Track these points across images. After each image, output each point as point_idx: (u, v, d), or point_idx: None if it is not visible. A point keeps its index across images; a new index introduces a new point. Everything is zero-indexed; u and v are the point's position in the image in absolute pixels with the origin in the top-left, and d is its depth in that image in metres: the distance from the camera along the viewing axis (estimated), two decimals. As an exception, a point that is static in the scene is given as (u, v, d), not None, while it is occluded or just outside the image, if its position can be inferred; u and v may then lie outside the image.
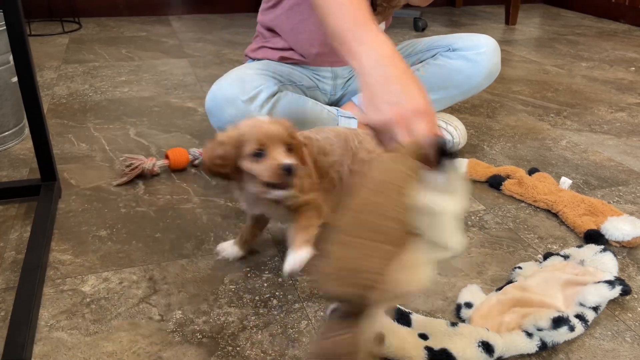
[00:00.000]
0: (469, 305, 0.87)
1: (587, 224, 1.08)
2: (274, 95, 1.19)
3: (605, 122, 1.69)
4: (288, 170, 0.79)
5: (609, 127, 1.66)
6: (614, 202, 1.22)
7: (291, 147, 0.83)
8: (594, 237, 1.05)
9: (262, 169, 0.80)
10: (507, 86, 2.03)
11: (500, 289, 0.91)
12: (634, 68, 2.29)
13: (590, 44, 2.71)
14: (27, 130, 1.48)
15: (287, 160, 0.80)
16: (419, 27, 2.87)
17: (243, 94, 1.16)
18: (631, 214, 1.16)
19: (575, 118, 1.72)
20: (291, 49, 1.34)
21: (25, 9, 1.03)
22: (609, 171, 1.37)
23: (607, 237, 1.05)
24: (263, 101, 1.16)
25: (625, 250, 1.04)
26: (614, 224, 1.05)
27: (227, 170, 0.83)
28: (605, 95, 1.95)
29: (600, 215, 1.11)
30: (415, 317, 0.83)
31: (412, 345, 0.77)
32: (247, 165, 0.81)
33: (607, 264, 0.95)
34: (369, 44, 0.73)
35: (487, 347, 0.77)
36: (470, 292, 0.90)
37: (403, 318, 0.82)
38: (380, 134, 0.69)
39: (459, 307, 0.88)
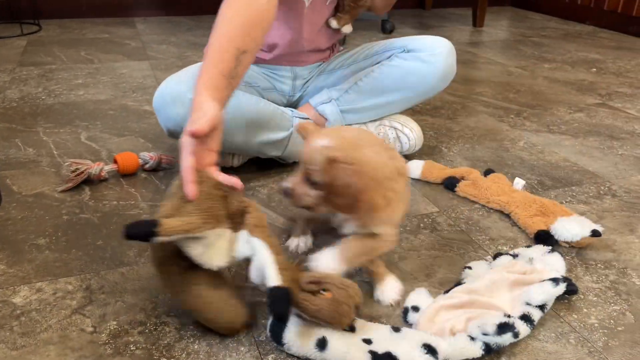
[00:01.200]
0: (415, 309, 0.86)
1: (538, 224, 1.08)
2: None
3: (563, 123, 1.70)
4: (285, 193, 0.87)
5: (567, 127, 1.67)
6: (566, 202, 1.22)
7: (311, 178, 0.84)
8: (543, 237, 1.05)
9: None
10: (470, 87, 2.03)
11: (447, 291, 0.90)
12: (595, 69, 2.32)
13: (554, 45, 2.74)
14: (-28, 135, 1.42)
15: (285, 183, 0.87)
16: (387, 30, 2.87)
17: (191, 91, 1.13)
18: (583, 214, 1.16)
19: (535, 119, 1.73)
20: None
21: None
22: (563, 171, 1.38)
23: (556, 237, 1.04)
24: None
25: (574, 250, 1.04)
26: (563, 225, 1.05)
27: None
28: (565, 96, 1.96)
29: (551, 215, 1.10)
30: (358, 323, 0.81)
31: (355, 348, 0.75)
32: None
33: (555, 264, 0.95)
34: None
35: (431, 350, 0.75)
36: (418, 296, 0.89)
37: None
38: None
39: (406, 311, 0.87)
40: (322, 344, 0.75)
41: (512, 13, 3.62)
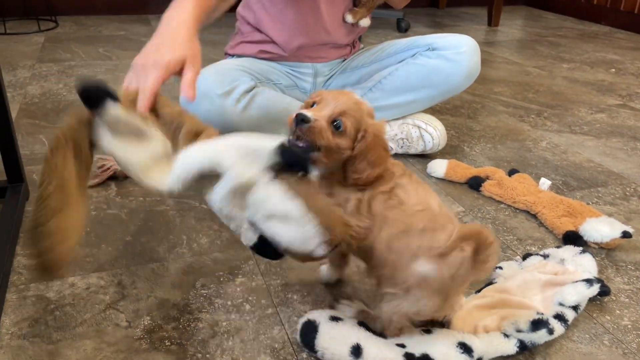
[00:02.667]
0: None
1: (566, 225, 1.07)
2: (250, 90, 1.17)
3: (585, 123, 1.69)
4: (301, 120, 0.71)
5: (589, 128, 1.66)
6: (592, 203, 1.22)
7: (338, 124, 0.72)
8: (572, 238, 1.04)
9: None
10: (489, 87, 2.02)
11: (479, 291, 0.90)
12: (614, 70, 2.30)
13: (571, 45, 2.72)
14: (-4, 131, 1.43)
15: (306, 112, 0.72)
16: (402, 28, 2.86)
17: (219, 87, 1.13)
18: (610, 215, 1.15)
19: (556, 119, 1.72)
20: (271, 42, 1.32)
21: (-4, 6, 0.99)
22: (588, 172, 1.37)
23: (585, 238, 1.04)
24: (239, 95, 1.14)
25: (604, 251, 1.04)
26: (592, 225, 1.04)
27: None
28: (585, 97, 1.95)
29: (579, 216, 1.10)
30: None
31: (391, 353, 0.75)
32: None
33: (587, 265, 0.95)
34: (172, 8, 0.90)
35: (466, 349, 0.75)
36: None
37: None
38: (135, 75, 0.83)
39: None
40: (357, 351, 0.74)
41: (526, 12, 3.60)
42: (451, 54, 1.29)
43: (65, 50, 2.26)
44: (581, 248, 0.99)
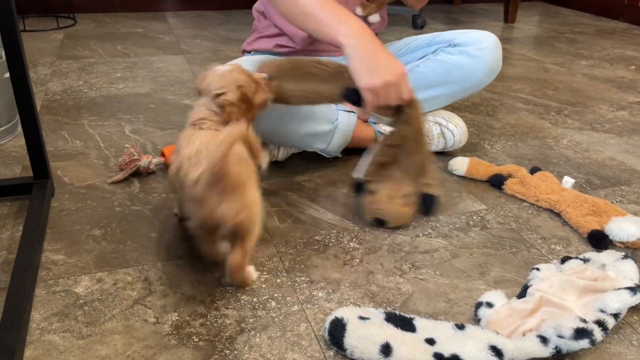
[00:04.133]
0: (490, 305, 0.85)
1: (591, 224, 1.07)
2: None
3: (606, 121, 1.68)
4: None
5: (611, 125, 1.64)
6: (617, 201, 1.20)
7: None
8: (598, 237, 1.03)
9: None
10: (507, 84, 2.01)
11: (521, 296, 0.88)
12: (633, 67, 2.28)
13: (589, 42, 2.69)
14: (19, 127, 1.45)
15: None
16: (418, 25, 2.85)
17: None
18: (635, 214, 1.14)
19: (576, 117, 1.71)
20: (284, 35, 1.32)
21: (18, 5, 1.01)
22: (611, 170, 1.35)
23: (611, 237, 1.03)
24: None
25: (630, 251, 1.03)
26: (618, 225, 1.03)
27: None
28: (605, 94, 1.93)
29: (604, 215, 1.09)
30: (418, 322, 0.80)
31: (421, 352, 0.74)
32: None
33: (629, 272, 0.92)
34: (347, 22, 1.01)
35: (497, 352, 0.74)
36: (495, 295, 0.87)
37: (406, 324, 0.79)
38: (378, 95, 0.99)
39: (479, 305, 0.85)
40: (386, 350, 0.74)
41: (542, 8, 3.57)
42: (473, 49, 1.28)
43: (84, 47, 2.28)
44: (623, 253, 0.96)
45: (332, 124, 1.26)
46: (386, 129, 1.22)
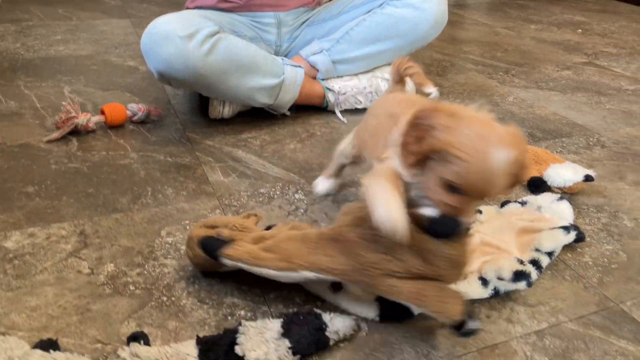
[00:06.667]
0: None
1: (531, 171, 1.09)
2: (214, 34, 1.13)
3: (551, 80, 1.71)
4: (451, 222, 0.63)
5: (555, 84, 1.68)
6: (557, 152, 1.24)
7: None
8: (536, 183, 1.06)
9: (433, 194, 0.63)
10: (458, 47, 2.02)
11: None
12: (580, 30, 2.33)
13: (539, 8, 2.73)
14: (-51, 88, 1.37)
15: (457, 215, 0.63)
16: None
17: (181, 29, 1.09)
18: (574, 162, 1.17)
19: (523, 76, 1.74)
20: None
21: None
22: (553, 124, 1.39)
23: (549, 183, 1.06)
24: (203, 38, 1.10)
25: (567, 196, 1.06)
26: (555, 171, 1.06)
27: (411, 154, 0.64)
28: (552, 55, 1.97)
29: (543, 163, 1.11)
30: None
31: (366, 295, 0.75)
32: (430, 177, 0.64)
33: (563, 212, 0.95)
34: None
35: None
36: None
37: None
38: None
39: None
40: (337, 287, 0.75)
41: (496, -23, 3.59)
42: (418, 2, 1.28)
43: (23, 11, 2.17)
44: (559, 195, 0.99)
45: (279, 77, 1.24)
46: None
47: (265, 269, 0.71)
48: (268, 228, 0.82)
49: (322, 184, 1.01)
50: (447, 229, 0.64)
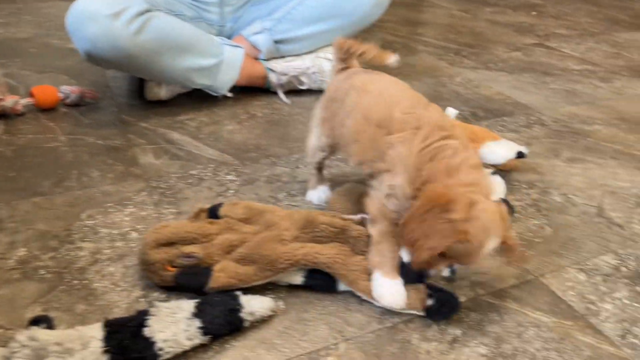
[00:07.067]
0: None
1: (467, 149, 1.09)
2: (144, 13, 1.09)
3: (500, 61, 1.72)
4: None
5: (504, 64, 1.69)
6: (497, 130, 1.24)
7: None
8: (471, 161, 1.06)
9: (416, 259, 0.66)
10: (412, 29, 2.01)
11: None
12: (535, 12, 2.34)
13: (498, -9, 2.74)
14: None
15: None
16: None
17: (106, 8, 1.05)
18: (511, 140, 1.17)
19: (473, 57, 1.74)
20: None
21: None
22: (497, 104, 1.39)
23: (483, 160, 1.06)
24: (131, 18, 1.06)
25: (502, 173, 1.06)
26: (490, 148, 1.06)
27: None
28: (505, 37, 1.97)
29: (480, 141, 1.11)
30: None
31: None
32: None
33: (495, 188, 0.96)
34: None
35: None
36: None
37: None
38: None
39: None
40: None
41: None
42: (359, -18, 1.26)
43: (-37, -7, 2.08)
44: (491, 170, 1.00)
45: (217, 58, 1.21)
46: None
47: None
48: (213, 209, 0.81)
49: (315, 194, 0.93)
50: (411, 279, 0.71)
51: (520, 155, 1.03)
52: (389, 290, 0.70)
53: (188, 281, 0.71)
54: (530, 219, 0.93)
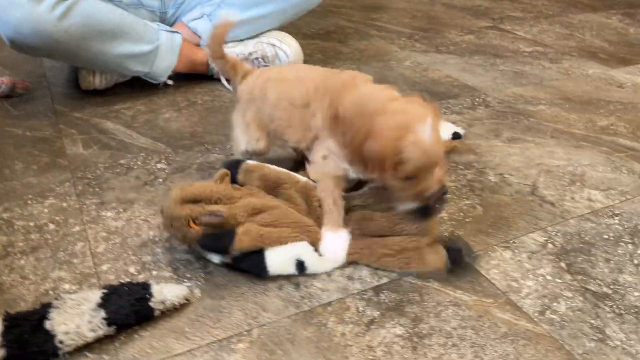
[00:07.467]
0: None
1: (405, 132, 1.08)
2: None
3: (452, 44, 1.71)
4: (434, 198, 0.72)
5: (455, 48, 1.68)
6: (441, 113, 1.23)
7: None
8: (408, 143, 1.05)
9: (406, 195, 0.72)
10: (366, 14, 1.99)
11: None
12: (492, -4, 2.34)
13: (458, -24, 2.73)
14: None
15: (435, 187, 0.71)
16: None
17: None
18: (453, 123, 1.17)
19: (425, 41, 1.73)
20: None
21: None
22: (444, 87, 1.38)
23: (420, 142, 1.05)
24: (55, 2, 1.02)
25: (439, 154, 1.05)
26: (428, 130, 1.05)
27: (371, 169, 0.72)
28: (459, 21, 1.97)
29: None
30: None
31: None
32: (395, 182, 0.72)
33: None
34: None
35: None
36: None
37: None
38: None
39: None
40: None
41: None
42: (298, -35, 1.24)
43: None
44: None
45: (153, 44, 1.18)
46: None
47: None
48: (232, 174, 0.81)
49: None
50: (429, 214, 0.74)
51: (455, 136, 1.03)
52: (331, 243, 0.74)
53: (212, 243, 0.71)
54: (463, 199, 0.92)
